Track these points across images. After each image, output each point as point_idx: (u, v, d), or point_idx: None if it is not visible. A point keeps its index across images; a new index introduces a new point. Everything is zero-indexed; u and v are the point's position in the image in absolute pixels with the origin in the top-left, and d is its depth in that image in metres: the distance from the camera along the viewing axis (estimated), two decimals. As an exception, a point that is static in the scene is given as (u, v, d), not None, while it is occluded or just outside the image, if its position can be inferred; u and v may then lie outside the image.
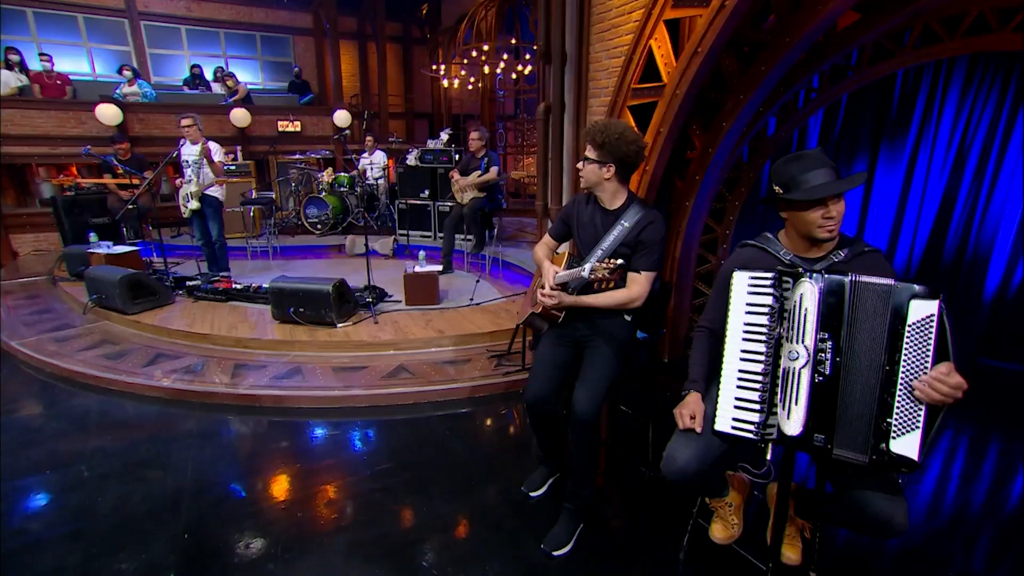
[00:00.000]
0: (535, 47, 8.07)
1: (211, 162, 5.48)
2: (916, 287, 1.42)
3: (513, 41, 7.93)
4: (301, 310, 4.43)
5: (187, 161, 5.58)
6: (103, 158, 6.57)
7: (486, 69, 8.51)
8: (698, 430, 1.82)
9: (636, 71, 3.61)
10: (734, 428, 1.73)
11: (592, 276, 2.07)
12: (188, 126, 5.50)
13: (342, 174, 7.94)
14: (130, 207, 5.88)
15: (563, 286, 2.39)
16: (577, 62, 4.27)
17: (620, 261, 2.02)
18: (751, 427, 1.69)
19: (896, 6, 3.18)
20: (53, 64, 8.49)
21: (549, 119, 4.83)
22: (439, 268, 5.11)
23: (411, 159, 7.22)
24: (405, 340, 4.31)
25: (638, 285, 2.31)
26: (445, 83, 10.11)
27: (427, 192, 7.05)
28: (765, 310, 1.71)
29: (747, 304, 1.76)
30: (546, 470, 2.82)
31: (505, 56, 8.50)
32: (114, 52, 10.72)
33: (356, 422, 3.50)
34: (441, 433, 3.38)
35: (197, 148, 5.51)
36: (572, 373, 2.51)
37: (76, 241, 6.73)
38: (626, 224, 2.30)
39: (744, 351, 1.75)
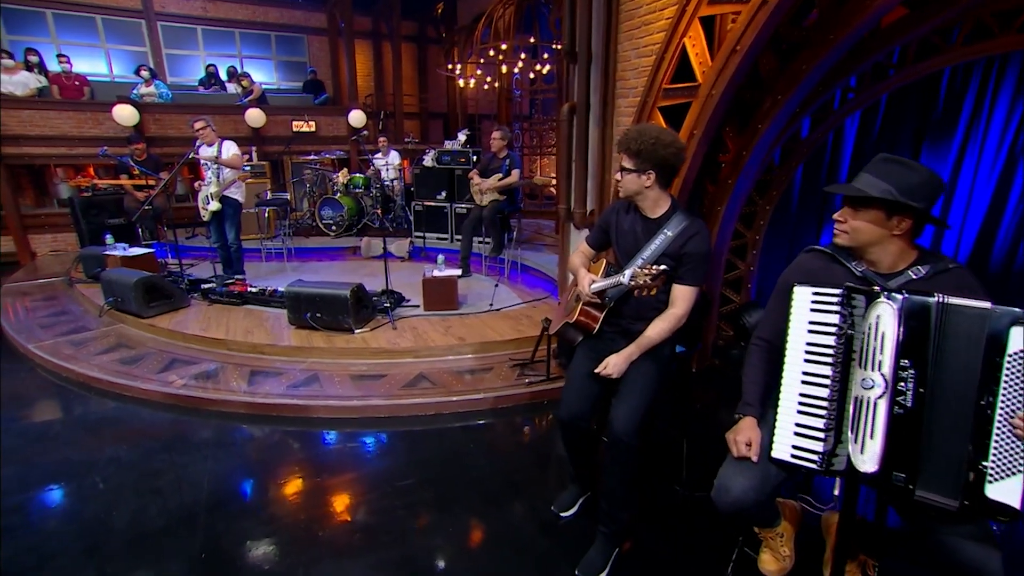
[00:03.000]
0: (554, 46, 7.99)
1: (218, 159, 5.38)
2: (1018, 311, 1.27)
3: (532, 40, 7.82)
4: (318, 315, 4.34)
5: (206, 164, 5.53)
6: (119, 159, 6.57)
7: (504, 68, 8.39)
8: (754, 459, 1.68)
9: (668, 71, 3.47)
10: (794, 457, 1.59)
11: (633, 283, 1.94)
12: (201, 128, 5.45)
13: (357, 175, 7.86)
14: (146, 207, 5.85)
15: (600, 295, 2.26)
16: (604, 61, 4.13)
17: (663, 267, 1.88)
18: (814, 457, 1.55)
19: (948, 0, 3.01)
20: (71, 65, 8.50)
21: (573, 120, 4.70)
22: (459, 272, 4.99)
23: (428, 160, 7.12)
24: (425, 348, 4.20)
25: (684, 301, 2.18)
26: (461, 83, 10.02)
27: (444, 193, 6.95)
28: (832, 330, 1.57)
29: (810, 322, 1.62)
30: (577, 489, 2.70)
31: (523, 55, 8.38)
32: (131, 53, 10.74)
33: (376, 434, 3.40)
34: (464, 446, 3.26)
35: (213, 149, 5.46)
36: (608, 388, 2.39)
37: (93, 242, 6.72)
38: (669, 233, 2.17)
39: (807, 373, 1.61)
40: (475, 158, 6.76)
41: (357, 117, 9.41)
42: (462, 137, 6.98)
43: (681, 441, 3.06)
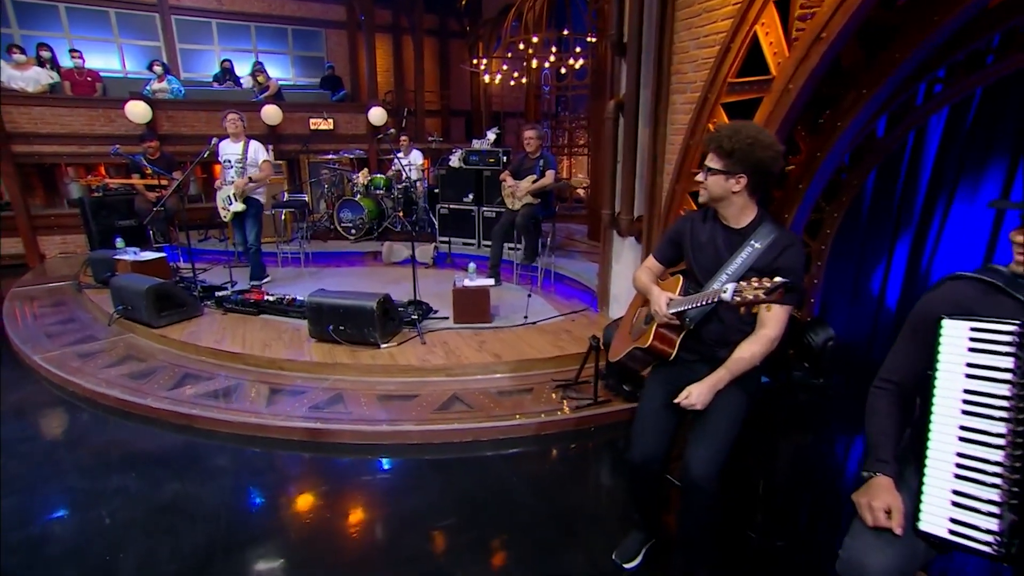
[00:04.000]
0: (589, 39, 7.74)
1: (245, 164, 5.26)
2: None
3: (566, 32, 7.60)
4: (342, 328, 4.14)
5: (228, 161, 5.38)
6: (131, 157, 6.47)
7: (534, 63, 8.18)
8: (897, 531, 1.41)
9: (735, 62, 3.21)
10: (955, 534, 1.33)
11: (737, 299, 1.67)
12: (233, 121, 5.31)
13: (378, 175, 7.69)
14: (158, 209, 5.73)
15: (679, 315, 2.01)
16: (657, 53, 3.89)
17: (783, 279, 1.60)
18: (986, 538, 1.29)
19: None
20: (84, 60, 8.46)
21: (620, 118, 4.46)
22: (491, 282, 4.77)
23: (454, 160, 6.91)
24: (458, 365, 3.98)
25: (777, 322, 1.93)
26: (486, 79, 9.82)
27: (471, 196, 6.73)
28: (1005, 376, 1.30)
29: (970, 365, 1.36)
30: (641, 535, 2.44)
31: (554, 49, 8.16)
32: (144, 48, 10.73)
33: (408, 463, 3.18)
34: (507, 480, 3.02)
35: (239, 147, 5.32)
36: (684, 424, 2.14)
37: (103, 243, 6.63)
38: (757, 245, 1.92)
39: (967, 428, 1.35)
40: (505, 158, 6.54)
41: (377, 114, 9.26)
42: (491, 136, 6.76)
43: (754, 477, 2.79)
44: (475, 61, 10.21)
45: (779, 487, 2.99)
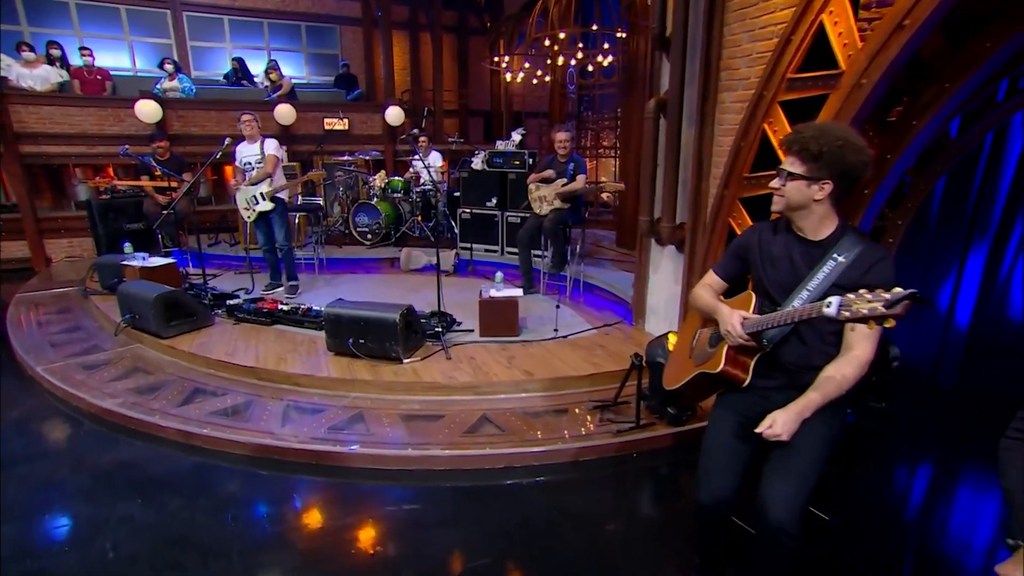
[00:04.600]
0: (619, 34, 7.59)
1: (268, 172, 5.26)
2: None
3: (595, 27, 7.45)
4: (362, 342, 3.99)
5: (249, 163, 5.39)
6: (141, 158, 6.42)
7: (560, 60, 8.03)
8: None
9: (797, 56, 3.03)
10: None
11: (846, 315, 1.46)
12: (248, 122, 5.29)
13: (396, 178, 7.58)
14: (167, 212, 5.67)
15: (755, 335, 1.82)
16: (705, 47, 3.71)
17: (911, 289, 1.40)
18: None
19: None
20: (94, 58, 8.47)
21: (660, 118, 4.29)
22: (519, 292, 4.60)
23: (477, 162, 6.78)
24: (487, 383, 3.81)
25: (868, 343, 1.74)
26: (508, 77, 9.70)
27: (495, 200, 6.59)
28: None
29: None
30: (702, 584, 2.25)
31: (580, 45, 8.01)
32: (155, 45, 10.77)
33: (436, 492, 3.01)
34: (546, 512, 2.84)
35: (255, 147, 5.31)
36: (756, 459, 1.95)
37: (110, 247, 6.58)
38: (841, 259, 1.73)
39: None
40: (531, 160, 6.39)
41: (394, 114, 9.17)
42: (517, 137, 6.62)
43: (827, 520, 2.58)
44: (496, 59, 10.10)
45: (848, 525, 2.78)
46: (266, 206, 5.36)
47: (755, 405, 1.88)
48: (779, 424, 1.73)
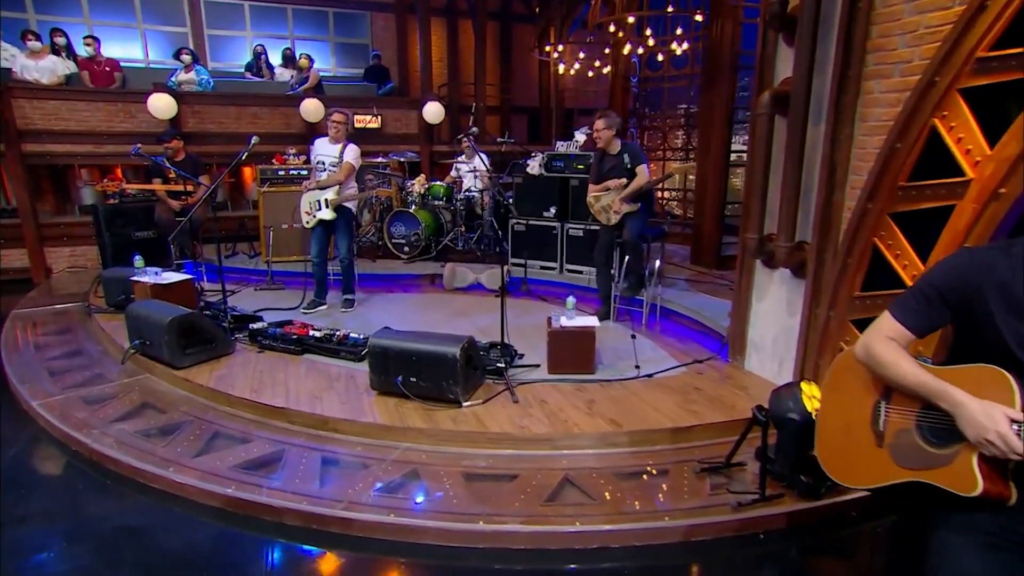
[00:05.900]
0: (696, 16, 7.21)
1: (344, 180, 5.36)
2: None
3: (670, 9, 7.07)
4: (413, 380, 3.64)
5: (322, 163, 5.42)
6: (153, 159, 6.25)
7: (626, 48, 7.67)
8: None
9: (994, 29, 2.59)
10: None
11: None
12: (338, 123, 5.34)
13: (437, 183, 7.28)
14: (184, 220, 5.47)
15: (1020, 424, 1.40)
16: (847, 23, 3.30)
17: None
18: None
19: None
20: (100, 48, 8.42)
21: (775, 115, 3.88)
22: (595, 321, 4.20)
23: (533, 166, 6.44)
24: (565, 435, 3.42)
25: None
26: (561, 68, 9.38)
27: (554, 210, 6.23)
28: None
29: None
30: None
31: (649, 32, 7.64)
32: (169, 34, 10.79)
33: (517, 581, 2.62)
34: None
35: (336, 149, 5.36)
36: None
37: (117, 258, 6.41)
38: None
39: None
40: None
41: (433, 111, 8.92)
42: (581, 137, 6.26)
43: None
44: (547, 48, 9.80)
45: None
46: (327, 215, 5.39)
47: (1017, 523, 1.47)
48: None
